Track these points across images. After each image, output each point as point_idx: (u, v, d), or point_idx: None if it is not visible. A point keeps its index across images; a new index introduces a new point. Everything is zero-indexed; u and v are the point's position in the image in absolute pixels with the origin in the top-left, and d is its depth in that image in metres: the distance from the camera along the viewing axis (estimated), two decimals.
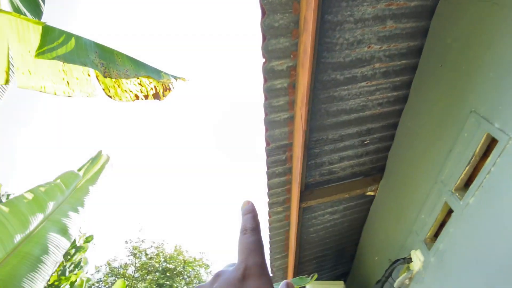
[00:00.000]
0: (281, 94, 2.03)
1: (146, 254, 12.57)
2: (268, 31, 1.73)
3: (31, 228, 1.65)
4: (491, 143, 1.42)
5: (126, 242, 12.82)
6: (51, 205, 1.77)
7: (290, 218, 2.94)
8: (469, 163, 1.56)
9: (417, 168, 2.16)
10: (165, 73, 1.79)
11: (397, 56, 2.12)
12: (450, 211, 1.77)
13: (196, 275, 12.89)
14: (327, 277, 3.92)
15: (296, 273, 3.63)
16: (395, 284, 2.34)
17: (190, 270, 12.84)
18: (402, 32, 1.99)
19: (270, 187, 2.66)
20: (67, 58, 1.21)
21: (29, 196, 1.71)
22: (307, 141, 2.19)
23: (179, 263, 12.60)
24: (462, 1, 1.57)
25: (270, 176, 2.55)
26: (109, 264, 12.32)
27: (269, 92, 1.98)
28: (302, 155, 2.19)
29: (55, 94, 1.46)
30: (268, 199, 2.76)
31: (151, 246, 12.89)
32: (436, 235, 1.94)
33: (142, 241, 12.91)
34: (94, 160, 1.98)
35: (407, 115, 2.30)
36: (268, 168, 2.47)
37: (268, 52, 1.81)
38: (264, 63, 1.84)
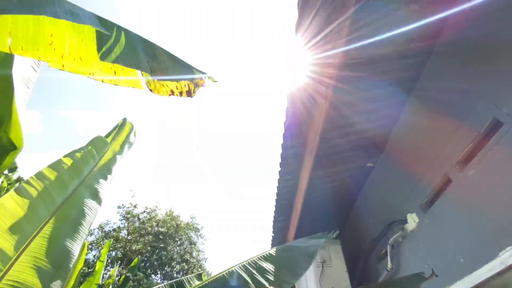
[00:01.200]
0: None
1: (139, 219, 12.94)
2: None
3: (69, 192, 1.77)
4: (495, 125, 1.67)
5: (119, 207, 13.05)
6: (85, 170, 1.88)
7: (298, 186, 3.21)
8: (473, 141, 1.83)
9: (420, 143, 2.42)
10: (196, 69, 1.82)
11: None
12: (448, 181, 2.07)
13: (187, 238, 13.61)
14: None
15: (296, 234, 4.04)
16: (390, 241, 2.75)
17: (182, 233, 13.48)
18: None
19: (283, 158, 2.87)
20: (124, 60, 1.26)
21: (67, 161, 1.81)
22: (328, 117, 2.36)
23: (171, 227, 13.15)
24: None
25: (284, 148, 2.75)
26: (101, 227, 12.62)
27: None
28: (321, 131, 2.37)
29: (103, 82, 1.50)
30: (280, 169, 2.99)
31: (144, 212, 13.24)
32: (432, 201, 2.28)
33: (135, 206, 13.20)
34: (119, 128, 2.05)
35: (417, 95, 2.50)
36: (284, 141, 2.65)
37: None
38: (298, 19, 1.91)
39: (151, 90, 1.58)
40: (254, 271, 1.42)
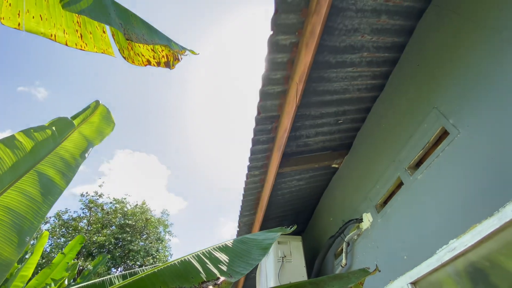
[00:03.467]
0: (280, 68, 2.17)
1: (103, 209, 12.29)
2: (281, 6, 1.80)
3: (20, 173, 1.65)
4: (443, 134, 1.83)
5: (82, 195, 12.28)
6: (42, 151, 1.74)
7: (265, 181, 3.25)
8: (423, 148, 1.98)
9: (380, 148, 2.57)
10: (174, 43, 1.76)
11: (382, 49, 2.37)
12: (400, 184, 2.23)
13: (155, 233, 13.20)
14: (286, 233, 4.50)
15: (261, 229, 4.10)
16: (346, 239, 2.89)
17: (151, 228, 13.05)
18: (391, 28, 2.22)
19: (252, 153, 2.89)
20: (91, 14, 1.16)
21: (22, 138, 1.67)
22: (296, 115, 2.41)
23: (140, 221, 12.68)
24: (447, 13, 1.84)
25: (255, 143, 2.77)
26: (58, 215, 11.81)
27: (270, 64, 2.11)
28: (289, 128, 2.42)
29: (66, 45, 1.39)
30: (249, 163, 3.01)
31: (110, 202, 12.59)
32: (385, 202, 2.43)
33: (100, 195, 12.50)
34: (92, 110, 1.93)
35: (380, 103, 2.65)
36: (254, 135, 2.67)
37: (277, 26, 1.90)
38: (271, 35, 1.93)
39: (124, 58, 1.50)
40: (207, 261, 1.42)
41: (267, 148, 2.92)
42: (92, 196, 12.33)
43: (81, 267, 10.89)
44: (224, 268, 1.40)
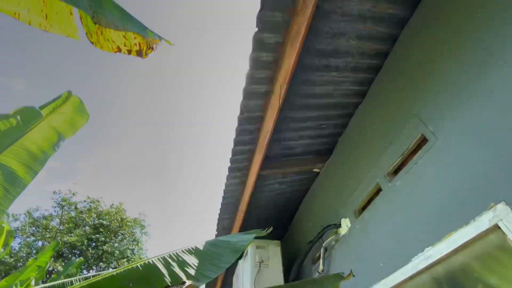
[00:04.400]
0: (265, 67, 2.12)
1: (76, 208, 11.67)
2: (267, 2, 1.76)
3: None
4: (422, 141, 1.84)
5: (55, 192, 11.62)
6: (4, 141, 1.59)
7: (246, 184, 3.18)
8: (402, 155, 1.99)
9: (360, 154, 2.58)
10: (150, 31, 1.67)
11: (367, 55, 2.39)
12: (379, 190, 2.23)
13: (131, 234, 12.68)
14: (265, 237, 4.43)
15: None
16: (324, 244, 2.86)
17: (126, 228, 12.54)
18: (376, 35, 2.24)
19: (234, 153, 2.82)
20: None
21: None
22: (279, 117, 2.37)
23: (115, 221, 12.14)
24: (429, 22, 1.87)
25: (236, 143, 2.70)
26: (29, 213, 11.10)
27: (254, 63, 2.06)
28: (272, 129, 2.37)
29: (30, 24, 1.28)
30: (230, 164, 2.93)
31: (84, 201, 11.98)
32: (364, 208, 2.43)
33: (74, 194, 11.88)
34: (64, 101, 1.79)
35: (362, 109, 2.66)
36: (236, 135, 2.61)
37: (262, 23, 1.86)
38: (256, 32, 1.89)
39: (92, 43, 1.39)
40: (173, 264, 1.33)
41: (249, 149, 2.86)
42: (65, 194, 11.73)
43: (50, 268, 10.29)
44: (192, 271, 1.31)
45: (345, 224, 2.60)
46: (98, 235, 11.06)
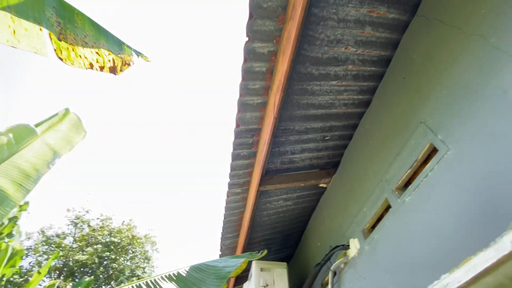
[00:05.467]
0: (258, 78, 2.04)
1: (89, 226, 11.76)
2: (256, 10, 1.71)
3: None
4: (432, 152, 1.65)
5: (68, 210, 11.82)
6: None
7: (247, 200, 3.03)
8: (411, 167, 1.79)
9: (367, 167, 2.39)
10: (127, 46, 1.63)
11: (368, 62, 2.26)
12: (388, 207, 2.02)
13: (142, 252, 12.54)
14: (272, 258, 4.17)
15: (245, 252, 3.80)
16: (332, 267, 2.62)
17: (137, 246, 12.43)
18: (376, 41, 2.13)
19: (232, 168, 2.70)
20: (18, 11, 1.05)
21: None
22: (275, 128, 2.26)
23: (126, 238, 12.09)
24: (431, 23, 1.74)
25: (234, 157, 2.59)
26: (42, 231, 11.27)
27: (247, 74, 1.98)
28: (269, 141, 2.25)
29: None
30: (229, 180, 2.80)
31: (97, 218, 12.08)
32: (373, 227, 2.20)
33: (87, 211, 12.02)
34: (61, 119, 1.77)
35: (367, 119, 2.50)
36: (234, 149, 2.50)
37: (253, 32, 1.79)
38: (246, 42, 1.82)
39: (60, 59, 1.35)
40: None
41: (248, 163, 2.73)
42: (79, 212, 11.89)
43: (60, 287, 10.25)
44: None
45: (354, 246, 2.37)
46: (108, 253, 11.01)
